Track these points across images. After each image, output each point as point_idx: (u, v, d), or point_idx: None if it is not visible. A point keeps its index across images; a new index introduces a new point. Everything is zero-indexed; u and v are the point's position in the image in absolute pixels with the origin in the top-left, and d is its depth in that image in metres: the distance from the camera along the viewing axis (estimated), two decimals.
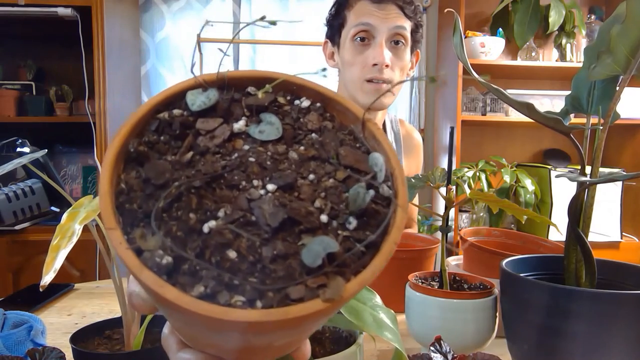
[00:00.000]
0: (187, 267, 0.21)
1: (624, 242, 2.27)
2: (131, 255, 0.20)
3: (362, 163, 0.25)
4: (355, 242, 0.22)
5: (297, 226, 0.22)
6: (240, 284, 0.20)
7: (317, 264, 0.21)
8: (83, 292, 1.01)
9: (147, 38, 2.38)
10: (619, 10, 0.54)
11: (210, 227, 0.22)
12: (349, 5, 1.06)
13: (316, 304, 0.20)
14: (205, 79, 0.27)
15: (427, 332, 0.62)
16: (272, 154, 0.25)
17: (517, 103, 0.53)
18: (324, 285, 0.21)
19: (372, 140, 0.27)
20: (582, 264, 0.57)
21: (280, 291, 0.20)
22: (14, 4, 1.92)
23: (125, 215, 0.22)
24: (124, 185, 0.23)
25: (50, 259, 0.46)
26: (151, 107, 0.25)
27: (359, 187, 0.24)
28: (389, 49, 1.04)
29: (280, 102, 0.27)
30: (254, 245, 0.21)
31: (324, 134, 0.26)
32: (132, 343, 0.56)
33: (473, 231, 0.89)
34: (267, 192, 0.23)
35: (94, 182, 2.32)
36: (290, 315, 0.19)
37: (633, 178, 0.46)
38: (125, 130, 0.24)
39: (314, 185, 0.24)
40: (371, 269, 0.22)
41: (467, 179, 2.19)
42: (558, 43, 2.44)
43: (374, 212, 0.24)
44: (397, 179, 0.25)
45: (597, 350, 0.50)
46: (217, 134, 0.25)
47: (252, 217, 0.22)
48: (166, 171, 0.23)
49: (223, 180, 0.23)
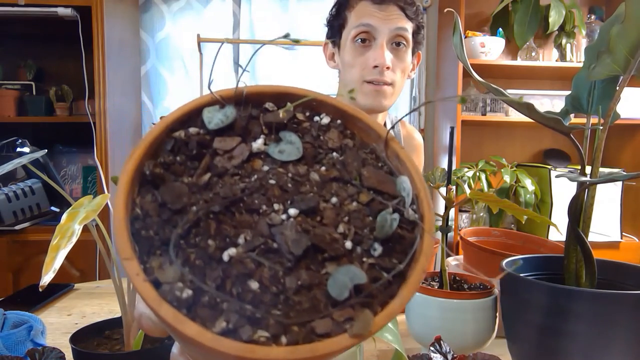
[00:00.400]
0: (207, 299, 0.20)
1: (624, 242, 2.27)
2: (149, 288, 0.19)
3: (385, 184, 0.24)
4: (382, 270, 0.21)
5: (321, 254, 0.21)
6: (263, 318, 0.19)
7: (344, 296, 0.20)
8: (83, 292, 1.01)
9: (147, 38, 2.38)
10: (619, 11, 0.54)
11: (231, 255, 0.21)
12: (350, 6, 1.06)
13: (344, 339, 0.19)
14: (222, 95, 0.26)
15: (427, 332, 0.62)
16: (293, 175, 0.24)
17: (517, 103, 0.53)
18: (351, 318, 0.20)
19: (395, 160, 0.26)
20: (582, 264, 0.57)
21: (306, 325, 0.19)
22: (14, 4, 1.92)
23: (142, 243, 0.21)
24: (139, 210, 0.22)
25: (50, 259, 0.46)
26: (166, 126, 0.24)
27: (386, 214, 0.23)
28: (389, 51, 1.03)
29: (299, 118, 0.26)
30: (276, 275, 0.20)
31: (346, 153, 0.25)
32: (132, 343, 0.56)
33: (473, 231, 0.89)
34: (289, 216, 0.22)
35: (94, 182, 2.32)
36: (317, 353, 0.19)
37: (633, 178, 0.46)
38: (140, 152, 0.23)
39: (337, 209, 0.23)
40: (399, 300, 0.21)
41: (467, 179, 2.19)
42: (558, 43, 2.44)
43: (400, 238, 0.23)
44: (423, 202, 0.24)
45: (597, 350, 0.50)
46: (235, 154, 0.24)
47: (274, 244, 0.21)
48: (183, 195, 0.22)
49: (242, 204, 0.22)
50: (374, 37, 1.03)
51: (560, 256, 0.60)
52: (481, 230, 0.91)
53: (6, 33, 2.21)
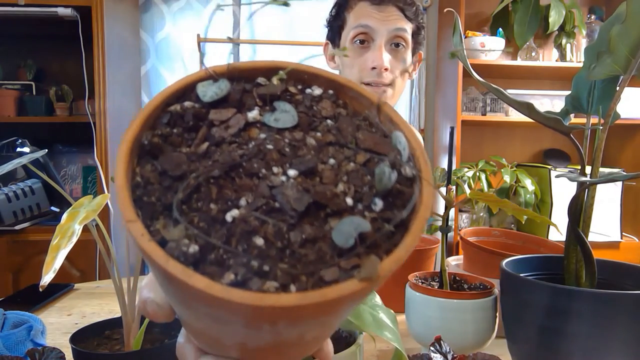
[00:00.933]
0: (213, 256, 0.20)
1: (624, 242, 2.27)
2: (155, 246, 0.20)
3: (381, 146, 0.25)
4: (384, 222, 0.22)
5: (323, 210, 0.22)
6: (271, 270, 0.20)
7: (350, 244, 0.20)
8: (83, 292, 1.01)
9: (147, 38, 2.38)
10: (619, 10, 0.54)
11: (234, 216, 0.21)
12: (349, 7, 1.06)
13: (353, 284, 0.19)
14: (216, 71, 0.26)
15: (427, 332, 0.62)
16: (290, 140, 0.24)
17: (517, 103, 0.53)
18: (358, 266, 0.20)
19: (389, 124, 0.26)
20: (582, 264, 0.57)
21: (314, 275, 0.20)
22: (14, 4, 1.92)
23: (144, 209, 0.21)
24: (140, 178, 0.22)
25: (50, 259, 0.46)
26: (162, 101, 0.25)
27: (384, 166, 0.23)
28: (388, 52, 1.03)
29: (291, 91, 0.27)
30: (280, 231, 0.21)
31: (339, 121, 0.26)
32: (131, 343, 0.56)
33: (473, 231, 0.89)
34: (289, 178, 0.23)
35: (94, 182, 2.32)
36: (328, 297, 0.19)
37: (633, 178, 0.46)
38: (138, 124, 0.24)
39: (335, 170, 0.24)
40: (404, 247, 0.21)
41: (467, 179, 2.19)
42: (558, 43, 2.44)
43: (399, 193, 0.23)
44: (420, 159, 0.24)
45: (597, 350, 0.50)
46: (231, 123, 0.25)
47: (276, 203, 0.22)
48: (182, 163, 0.23)
49: (242, 169, 0.23)
50: (373, 38, 1.03)
51: (560, 256, 0.60)
52: (481, 230, 0.91)
53: (6, 33, 2.21)
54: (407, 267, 0.81)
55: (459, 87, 2.22)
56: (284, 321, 0.20)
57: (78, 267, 1.99)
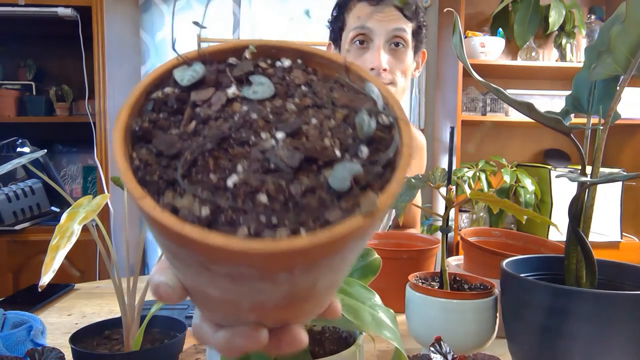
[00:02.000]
0: (224, 218, 0.21)
1: (624, 242, 2.27)
2: (168, 215, 0.21)
3: (356, 101, 0.26)
4: (372, 165, 0.24)
5: (315, 163, 0.23)
6: (279, 221, 0.21)
7: (347, 186, 0.22)
8: (83, 292, 1.01)
9: (147, 38, 2.38)
10: (619, 10, 0.54)
11: (234, 182, 0.22)
12: (348, 8, 1.06)
13: (357, 219, 0.21)
14: (188, 56, 0.28)
15: (427, 332, 0.62)
16: (272, 108, 0.26)
17: (517, 103, 0.53)
18: (358, 204, 0.22)
19: (359, 82, 0.28)
20: (582, 264, 0.57)
21: (319, 218, 0.21)
22: (14, 4, 1.92)
23: (149, 188, 0.22)
24: (138, 162, 0.24)
25: (49, 259, 0.46)
26: (143, 90, 0.26)
27: (363, 115, 0.25)
28: (388, 52, 1.03)
29: (262, 66, 0.28)
30: (281, 186, 0.22)
31: (313, 85, 0.28)
32: (131, 343, 0.56)
33: (473, 231, 0.89)
34: (277, 140, 0.24)
35: (94, 182, 2.32)
36: (337, 234, 0.20)
37: (633, 178, 0.46)
38: (126, 113, 0.25)
39: (319, 128, 0.25)
40: (396, 181, 0.23)
41: (467, 179, 2.19)
42: (558, 43, 2.44)
43: (381, 139, 0.25)
44: (394, 106, 0.26)
45: (598, 350, 0.50)
46: (213, 101, 0.26)
47: (271, 164, 0.23)
48: (175, 142, 0.24)
49: (232, 139, 0.24)
50: (371, 38, 1.03)
51: (560, 256, 0.60)
52: (481, 230, 0.90)
53: (6, 33, 2.21)
54: (407, 267, 0.81)
55: (459, 87, 2.22)
56: (299, 267, 0.21)
57: (78, 268, 1.99)
